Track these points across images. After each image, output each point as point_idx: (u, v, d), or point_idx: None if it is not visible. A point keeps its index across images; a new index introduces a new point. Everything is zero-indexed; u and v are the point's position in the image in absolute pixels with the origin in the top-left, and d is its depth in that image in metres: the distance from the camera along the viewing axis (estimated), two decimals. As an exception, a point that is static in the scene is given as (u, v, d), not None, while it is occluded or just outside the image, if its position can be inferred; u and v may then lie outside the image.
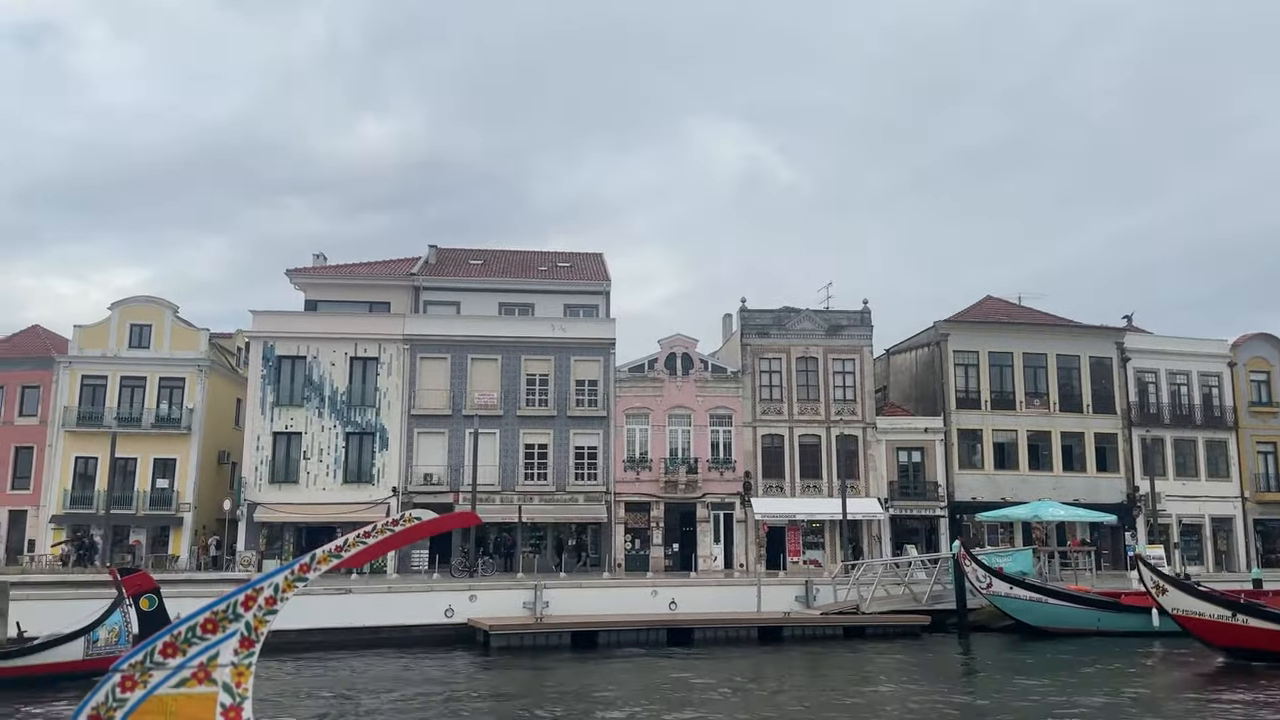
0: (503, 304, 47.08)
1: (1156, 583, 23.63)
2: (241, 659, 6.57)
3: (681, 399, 43.97)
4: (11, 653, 19.61)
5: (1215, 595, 23.81)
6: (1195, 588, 24.32)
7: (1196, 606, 23.09)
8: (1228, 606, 23.03)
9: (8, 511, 43.53)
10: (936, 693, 20.35)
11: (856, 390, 45.42)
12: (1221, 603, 23.19)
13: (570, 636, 27.60)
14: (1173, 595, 23.52)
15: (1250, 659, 22.68)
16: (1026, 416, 46.49)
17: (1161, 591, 23.56)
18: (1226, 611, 22.76)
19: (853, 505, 41.05)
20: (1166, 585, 23.74)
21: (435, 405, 42.58)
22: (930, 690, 20.68)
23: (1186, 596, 23.42)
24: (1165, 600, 23.53)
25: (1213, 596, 23.64)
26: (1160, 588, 23.59)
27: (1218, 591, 24.87)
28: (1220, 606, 22.94)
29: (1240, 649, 23.10)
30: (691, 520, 43.08)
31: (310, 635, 25.92)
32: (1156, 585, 23.58)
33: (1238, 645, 23.03)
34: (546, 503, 42.07)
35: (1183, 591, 23.69)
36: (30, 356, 45.26)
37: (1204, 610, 22.95)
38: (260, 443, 41.54)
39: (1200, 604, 23.14)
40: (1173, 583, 24.24)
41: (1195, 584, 25.04)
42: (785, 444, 44.45)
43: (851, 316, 46.50)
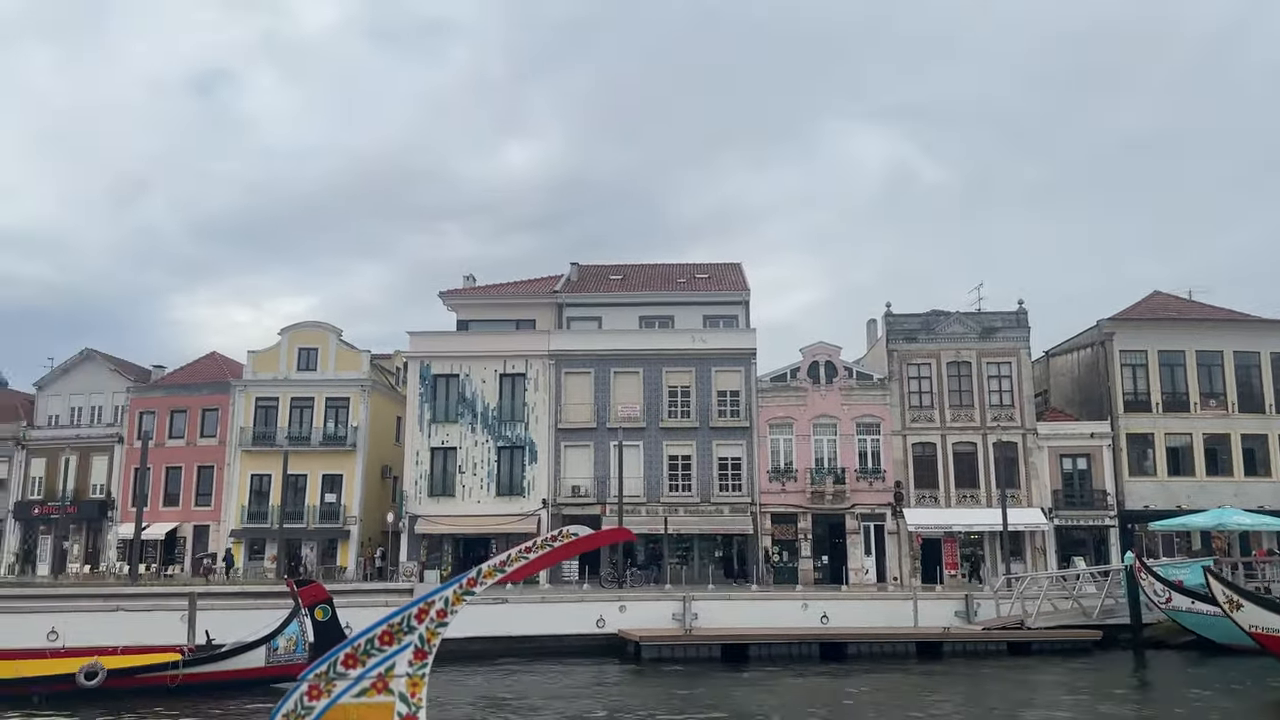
0: (643, 317, 47.56)
1: (1229, 597, 21.17)
2: (416, 670, 6.87)
3: (826, 408, 43.22)
4: (202, 659, 21.07)
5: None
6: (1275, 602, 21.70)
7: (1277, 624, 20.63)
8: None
9: (193, 527, 47.02)
10: (1111, 713, 19.18)
11: (1014, 395, 43.48)
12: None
13: (721, 649, 27.47)
14: (1249, 611, 20.97)
15: None
16: (1202, 419, 43.35)
17: (1235, 607, 21.00)
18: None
19: (1014, 516, 39.26)
20: (1241, 600, 21.18)
21: (580, 419, 43.37)
22: (1104, 710, 19.50)
23: (1266, 613, 20.92)
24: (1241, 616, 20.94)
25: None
26: (1234, 602, 21.04)
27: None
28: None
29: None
30: (841, 532, 42.21)
31: (471, 644, 26.76)
32: (1229, 600, 21.08)
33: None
34: (691, 514, 42.11)
35: (1262, 607, 21.14)
36: (209, 381, 48.90)
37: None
38: (419, 458, 43.35)
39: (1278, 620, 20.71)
40: (1249, 597, 21.75)
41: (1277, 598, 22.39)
42: (938, 452, 42.99)
43: (1006, 318, 44.61)
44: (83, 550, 48.44)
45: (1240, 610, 21.06)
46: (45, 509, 48.56)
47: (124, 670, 19.93)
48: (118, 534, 47.16)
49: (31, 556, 49.11)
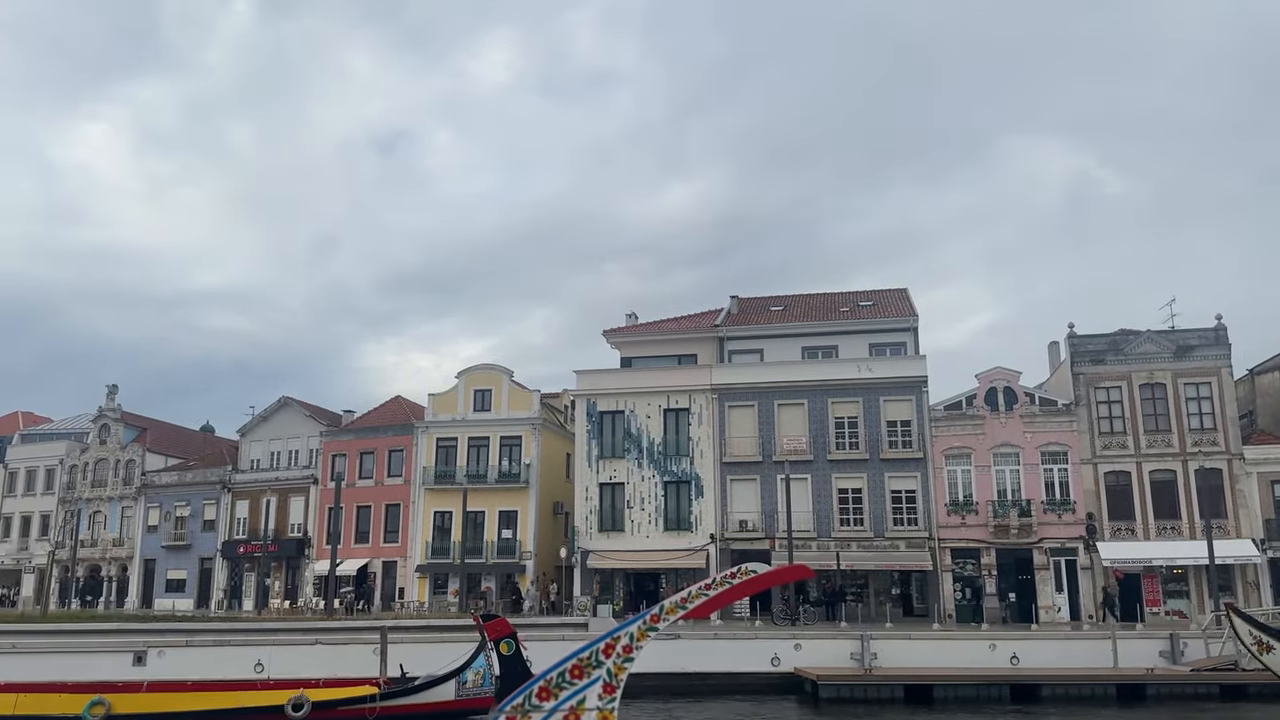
0: (805, 348, 46.91)
1: (1258, 638, 19.38)
2: (605, 703, 6.95)
3: (1006, 436, 41.19)
4: (397, 692, 22.03)
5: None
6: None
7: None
8: None
9: (382, 563, 49.52)
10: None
11: (1216, 417, 40.14)
12: None
13: (903, 690, 26.38)
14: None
15: None
16: None
17: (1265, 649, 19.30)
18: None
19: (1221, 548, 36.07)
20: (1274, 642, 19.31)
21: (745, 452, 43.09)
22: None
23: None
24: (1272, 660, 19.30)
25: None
26: (1264, 645, 19.29)
27: None
28: None
29: None
30: (1028, 567, 39.92)
31: (644, 680, 26.81)
32: (1259, 641, 19.31)
33: None
34: (865, 549, 40.89)
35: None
36: (394, 424, 51.66)
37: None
38: (589, 493, 44.18)
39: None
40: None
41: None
42: (1133, 481, 40.13)
43: (1203, 335, 41.36)
44: (283, 586, 51.87)
45: (1271, 654, 19.50)
46: (249, 548, 52.42)
47: (327, 703, 21.03)
48: (314, 570, 50.26)
49: (238, 592, 53.01)
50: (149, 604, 53.31)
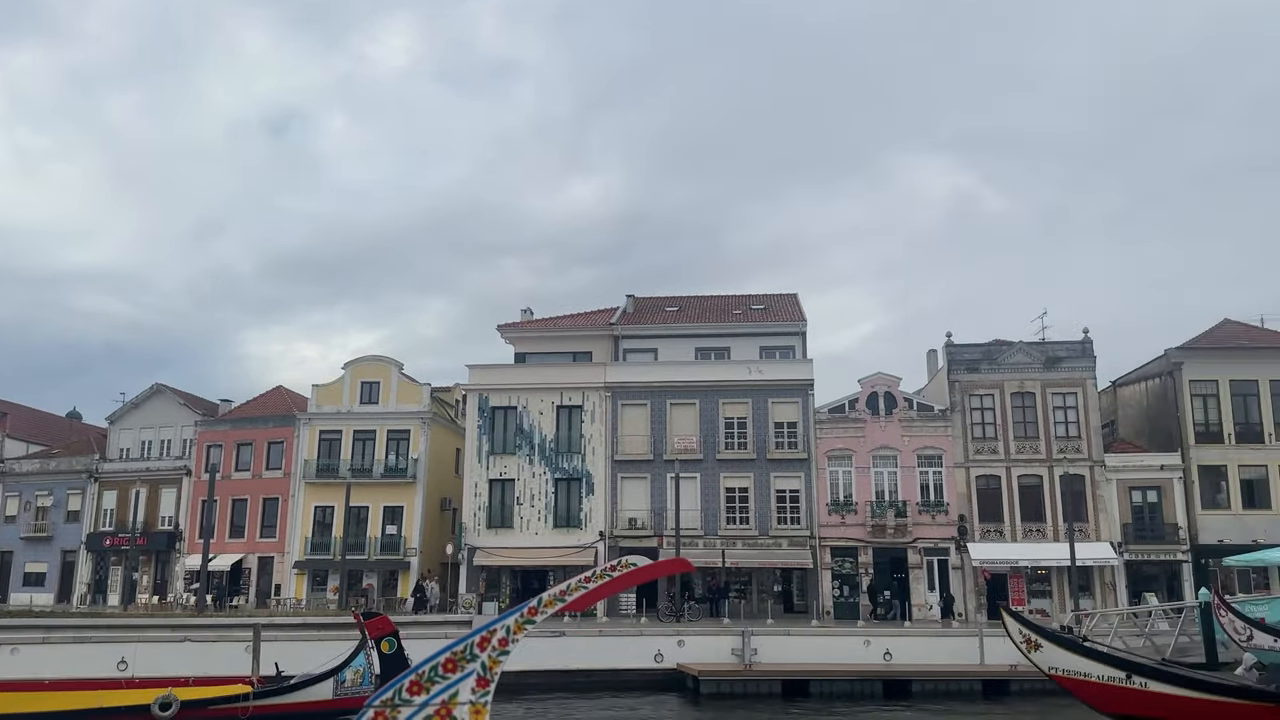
0: (699, 349, 47.55)
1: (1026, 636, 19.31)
2: (478, 697, 6.93)
3: (886, 439, 42.65)
4: (272, 691, 21.37)
5: (1105, 653, 19.57)
6: (1080, 643, 19.90)
7: (1080, 666, 18.91)
8: (1121, 666, 18.88)
9: (257, 558, 47.90)
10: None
11: (1080, 426, 42.47)
12: (1114, 662, 19.10)
13: (781, 685, 27.08)
14: (1049, 652, 19.10)
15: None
16: (1278, 450, 41.83)
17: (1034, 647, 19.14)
18: (1119, 673, 18.69)
19: (1082, 550, 38.21)
20: (1041, 640, 19.32)
21: (637, 451, 43.39)
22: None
23: (1068, 654, 19.16)
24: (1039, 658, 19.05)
25: (1102, 654, 19.42)
26: (1032, 642, 19.19)
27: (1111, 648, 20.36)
28: (1111, 666, 18.90)
29: (1138, 718, 18.95)
30: (903, 566, 41.44)
31: (527, 677, 26.77)
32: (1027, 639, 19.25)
33: (1134, 713, 18.95)
34: (750, 547, 41.73)
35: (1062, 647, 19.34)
36: (274, 415, 50.03)
37: (1090, 670, 18.81)
38: (478, 490, 43.72)
39: (1086, 663, 18.95)
40: (1049, 637, 19.81)
41: (1080, 639, 20.45)
42: (1002, 485, 42.09)
43: (1071, 347, 43.69)
44: (151, 581, 49.62)
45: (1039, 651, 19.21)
46: (116, 540, 49.90)
47: (196, 702, 20.26)
48: (185, 565, 48.24)
49: (102, 587, 50.43)
50: (4, 599, 50.18)
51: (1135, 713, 18.99)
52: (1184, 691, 18.38)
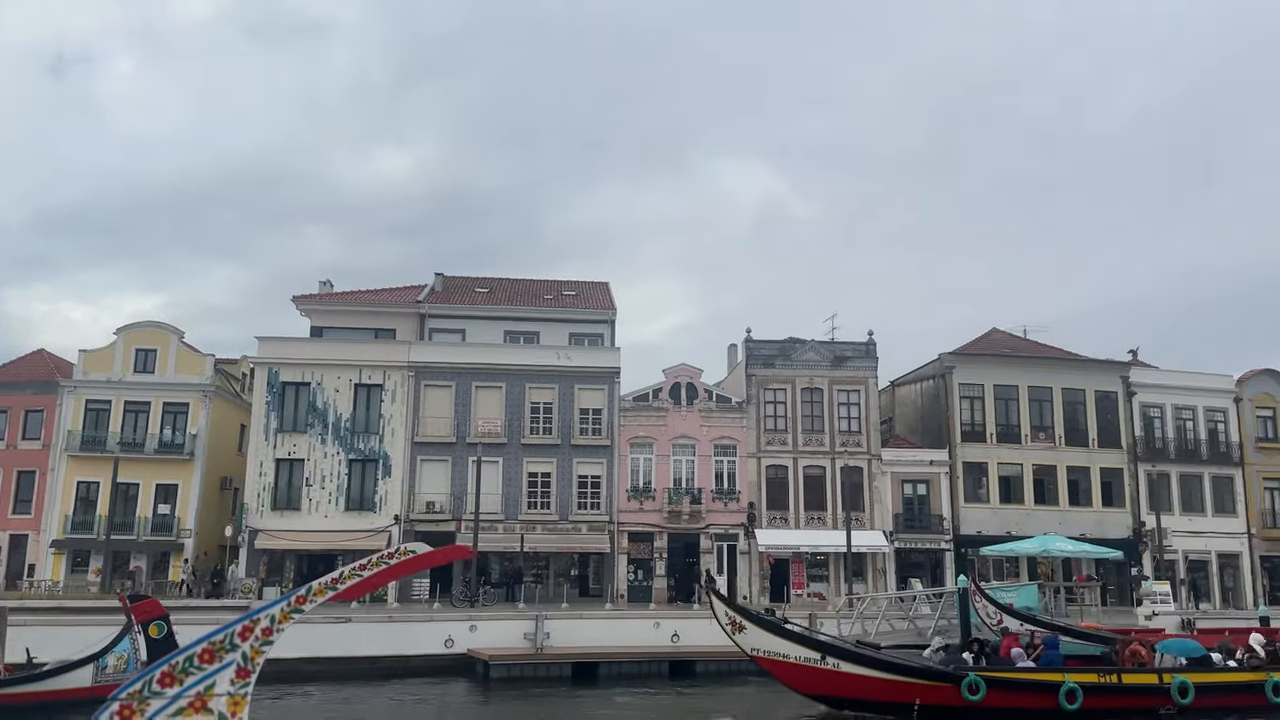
0: (508, 332, 47.14)
1: (732, 618, 20.19)
2: (238, 689, 6.51)
3: (686, 429, 43.87)
4: (21, 679, 19.51)
5: (802, 635, 20.67)
6: (781, 626, 20.76)
7: (780, 647, 20.00)
8: (816, 648, 20.13)
9: (8, 536, 43.43)
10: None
11: (861, 422, 45.28)
12: (809, 644, 20.29)
13: (571, 668, 27.34)
14: (752, 633, 20.13)
15: (840, 707, 20.45)
16: (1032, 450, 46.28)
17: (738, 629, 20.12)
18: (814, 654, 19.99)
19: (857, 538, 40.78)
20: (745, 622, 20.21)
21: (439, 433, 42.51)
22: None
23: (769, 635, 20.12)
24: (743, 639, 20.12)
25: (799, 636, 20.48)
26: (737, 624, 20.08)
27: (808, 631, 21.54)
28: (807, 648, 20.10)
29: (830, 697, 20.46)
30: (695, 551, 42.82)
31: (310, 664, 25.72)
32: (732, 622, 20.13)
33: (827, 693, 20.36)
34: (549, 532, 41.86)
35: (764, 629, 20.29)
36: (35, 381, 45.37)
37: (789, 652, 19.97)
38: (263, 469, 41.45)
39: (785, 644, 20.05)
40: (752, 619, 20.66)
41: (781, 621, 21.43)
42: (790, 475, 44.26)
43: (856, 348, 46.46)
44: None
45: (743, 633, 20.07)
46: None
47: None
48: (-82, 544, 43.00)
49: None
50: None
51: (829, 693, 20.26)
52: (872, 672, 19.75)
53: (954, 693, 19.55)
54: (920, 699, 19.45)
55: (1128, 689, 20.79)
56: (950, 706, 19.54)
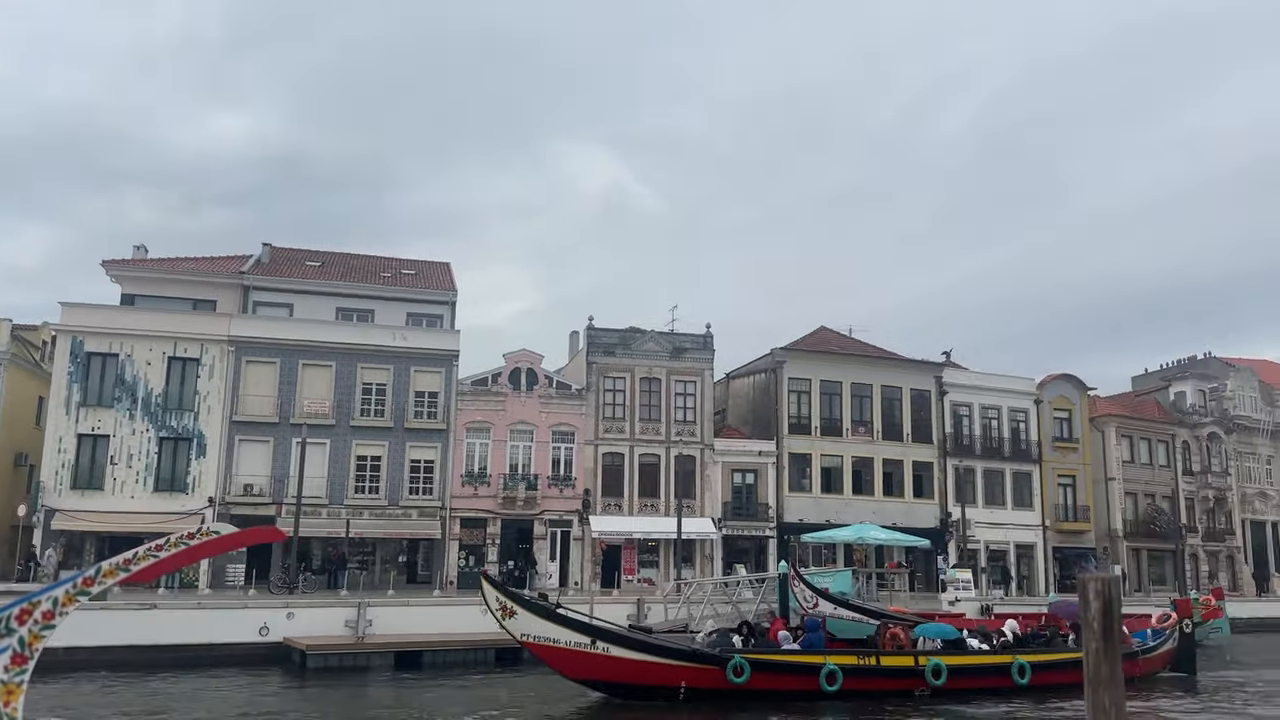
0: (340, 309, 45.34)
1: (503, 603, 19.72)
2: (13, 676, 5.97)
3: (524, 414, 43.57)
4: None
5: (573, 619, 20.26)
6: (552, 610, 20.25)
7: (550, 632, 19.70)
8: (586, 633, 19.92)
9: None
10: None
11: (696, 412, 46.26)
12: (580, 628, 20.00)
13: (394, 657, 26.66)
14: (522, 619, 19.69)
15: (611, 692, 20.49)
16: (852, 443, 48.60)
17: (509, 614, 19.62)
18: (585, 639, 19.78)
19: (688, 525, 41.66)
20: (516, 607, 19.79)
21: (261, 412, 40.47)
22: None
23: (539, 620, 19.74)
24: (513, 625, 19.64)
25: (571, 621, 20.13)
26: (508, 609, 19.61)
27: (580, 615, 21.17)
28: (578, 633, 19.86)
29: (600, 682, 20.43)
30: (529, 537, 42.64)
31: (107, 653, 24.05)
32: (503, 607, 19.67)
33: (597, 678, 20.26)
34: (377, 517, 40.65)
35: (535, 614, 19.87)
36: None
37: (559, 637, 19.71)
38: (63, 445, 38.29)
39: (555, 629, 19.74)
40: (523, 604, 20.21)
41: (554, 606, 20.76)
42: (625, 463, 44.73)
43: (695, 340, 47.39)
44: None
45: (513, 618, 19.65)
46: None
47: None
48: None
49: None
50: None
51: (598, 677, 20.24)
52: (640, 656, 19.95)
53: (719, 675, 20.04)
54: (686, 681, 19.89)
55: (886, 671, 21.89)
56: (715, 689, 20.02)
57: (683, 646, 21.12)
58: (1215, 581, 53.74)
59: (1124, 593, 47.24)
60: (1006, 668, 22.83)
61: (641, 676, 19.91)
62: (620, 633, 21.09)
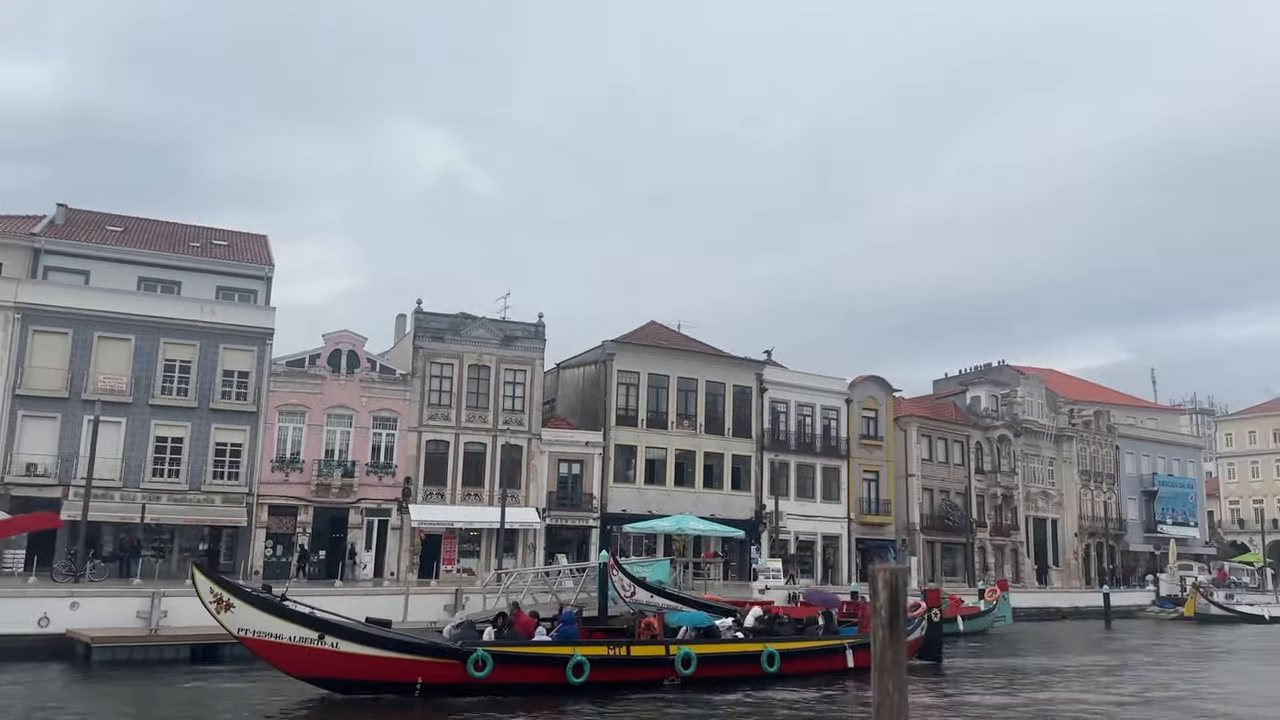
0: (144, 279, 42.26)
1: (218, 595, 18.25)
2: None
3: (344, 398, 42.01)
4: None
5: (299, 613, 18.93)
6: (276, 603, 18.92)
7: (272, 627, 18.40)
8: (314, 627, 18.69)
9: None
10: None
11: (525, 401, 46.00)
12: (307, 622, 18.74)
13: (190, 649, 25.16)
14: (241, 612, 18.30)
15: (343, 690, 19.27)
16: (676, 436, 49.69)
17: (225, 607, 18.20)
18: (311, 633, 18.60)
19: (512, 514, 41.39)
20: (234, 599, 18.33)
21: (48, 385, 37.20)
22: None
23: (260, 614, 18.42)
24: (230, 619, 18.25)
25: (296, 615, 18.82)
26: (224, 602, 18.18)
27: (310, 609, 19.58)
28: (304, 627, 18.62)
29: (328, 679, 19.18)
30: (343, 526, 41.17)
31: None
32: (219, 599, 18.22)
33: (324, 674, 19.00)
34: (177, 502, 38.19)
35: (256, 608, 18.49)
36: None
37: (282, 632, 18.44)
38: None
39: (278, 624, 18.49)
40: (243, 596, 18.69)
41: (279, 598, 19.37)
42: (450, 451, 43.93)
43: (527, 329, 47.09)
44: None
45: (230, 612, 18.27)
46: None
47: None
48: None
49: None
50: None
51: (326, 674, 18.88)
52: (375, 651, 18.85)
53: (459, 669, 19.26)
54: (423, 677, 19.04)
55: (635, 661, 21.64)
56: (455, 684, 19.16)
57: (420, 640, 20.18)
58: (1001, 573, 58.32)
59: (919, 584, 50.61)
60: (756, 656, 23.04)
61: (374, 672, 18.89)
62: (352, 626, 19.57)
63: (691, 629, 23.66)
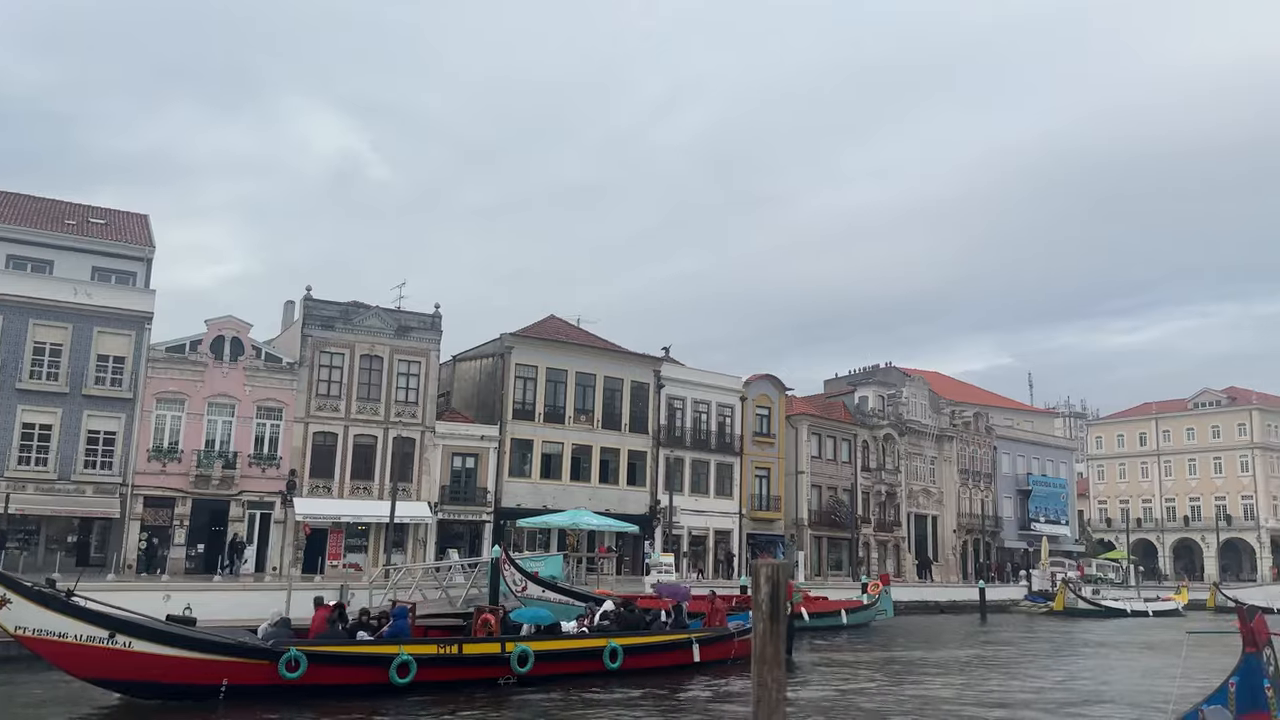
0: (12, 256, 39.92)
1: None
2: None
3: (226, 387, 40.52)
4: None
5: (86, 610, 17.14)
6: (61, 599, 17.00)
7: (56, 625, 16.68)
8: (103, 625, 16.97)
9: None
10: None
11: (419, 393, 45.22)
12: (95, 619, 17.00)
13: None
14: (19, 609, 16.47)
15: (138, 694, 17.67)
16: (573, 430, 49.65)
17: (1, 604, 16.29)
18: (101, 632, 16.89)
19: (403, 508, 40.57)
20: (11, 595, 16.43)
21: (-100, 368, 34.77)
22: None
23: (43, 611, 16.61)
24: (7, 616, 16.40)
25: (83, 611, 17.04)
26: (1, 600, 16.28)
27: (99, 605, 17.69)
28: (92, 625, 16.90)
29: (120, 682, 17.44)
30: (223, 519, 39.72)
31: None
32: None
33: (116, 677, 17.26)
34: (44, 492, 36.21)
35: (37, 604, 16.65)
36: None
37: (69, 630, 16.73)
38: None
39: (65, 622, 16.76)
40: (22, 591, 16.76)
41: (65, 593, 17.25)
42: (339, 443, 42.85)
43: (422, 319, 46.29)
44: None
45: (8, 608, 16.37)
46: None
47: None
48: None
49: None
50: None
51: (117, 676, 17.28)
52: (174, 651, 17.36)
53: (270, 670, 17.91)
54: (229, 679, 17.64)
55: (468, 659, 20.49)
56: (265, 686, 17.84)
57: (226, 639, 18.47)
58: (884, 568, 60.26)
59: (806, 577, 51.91)
60: (598, 652, 22.24)
61: (172, 674, 17.36)
62: (148, 625, 17.86)
63: (533, 625, 22.96)
